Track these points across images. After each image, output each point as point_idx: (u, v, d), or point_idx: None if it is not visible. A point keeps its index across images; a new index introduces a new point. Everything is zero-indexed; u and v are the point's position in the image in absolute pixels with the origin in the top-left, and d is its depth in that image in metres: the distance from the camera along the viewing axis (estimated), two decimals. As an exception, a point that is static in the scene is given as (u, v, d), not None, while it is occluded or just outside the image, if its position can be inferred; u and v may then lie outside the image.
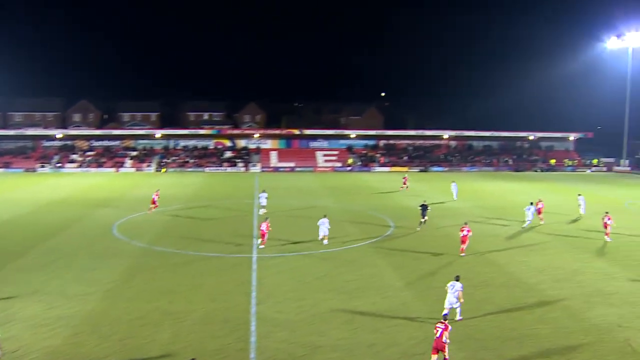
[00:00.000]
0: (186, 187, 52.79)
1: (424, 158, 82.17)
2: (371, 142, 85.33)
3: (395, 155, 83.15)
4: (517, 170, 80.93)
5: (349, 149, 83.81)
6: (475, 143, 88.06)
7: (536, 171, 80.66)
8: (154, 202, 39.62)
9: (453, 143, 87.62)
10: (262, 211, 37.94)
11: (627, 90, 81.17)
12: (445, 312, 17.58)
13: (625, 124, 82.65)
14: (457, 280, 18.99)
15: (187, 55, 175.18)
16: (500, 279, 21.97)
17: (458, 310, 18.76)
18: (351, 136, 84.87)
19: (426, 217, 33.40)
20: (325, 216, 30.62)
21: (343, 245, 28.14)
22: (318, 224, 29.78)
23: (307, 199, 44.66)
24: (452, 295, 18.65)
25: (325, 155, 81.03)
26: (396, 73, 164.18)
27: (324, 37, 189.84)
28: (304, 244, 27.89)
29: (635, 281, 23.07)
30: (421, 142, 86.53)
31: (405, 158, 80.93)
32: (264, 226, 28.80)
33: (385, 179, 63.60)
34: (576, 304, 20.26)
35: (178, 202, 41.91)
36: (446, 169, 80.00)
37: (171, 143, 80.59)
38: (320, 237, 29.03)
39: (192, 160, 75.85)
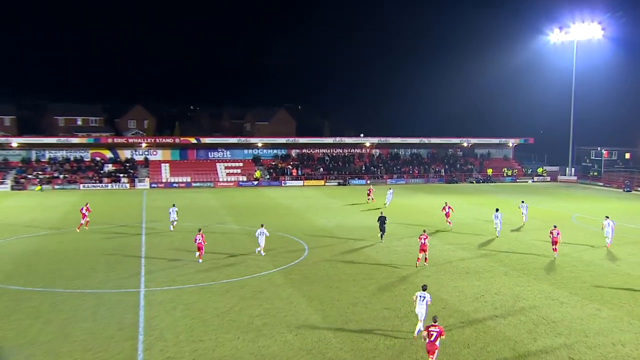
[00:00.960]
0: (53, 209, 49.71)
1: (343, 169, 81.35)
2: (282, 152, 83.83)
3: (309, 167, 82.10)
4: (450, 182, 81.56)
5: (256, 160, 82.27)
6: (402, 151, 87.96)
7: (472, 182, 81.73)
8: (84, 217, 40.50)
9: (376, 152, 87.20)
10: (171, 227, 38.70)
11: (572, 89, 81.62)
12: (419, 326, 19.25)
13: (570, 128, 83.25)
14: (425, 290, 20.00)
15: (53, 49, 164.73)
16: (431, 309, 21.32)
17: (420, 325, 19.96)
18: (258, 145, 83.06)
19: (384, 231, 35.51)
20: (262, 226, 32.36)
21: (248, 274, 26.97)
22: (256, 234, 31.49)
23: (207, 219, 43.40)
24: (421, 306, 19.53)
25: (227, 167, 78.92)
26: (310, 72, 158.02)
27: (224, 28, 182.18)
28: (202, 273, 26.64)
29: (584, 306, 23.06)
30: (339, 150, 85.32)
31: (321, 170, 79.92)
32: (198, 238, 29.97)
33: (298, 195, 63.29)
34: (519, 334, 20.01)
35: (43, 228, 39.20)
36: (367, 181, 79.31)
37: (33, 154, 75.09)
38: (257, 250, 31.21)
39: (62, 176, 71.35)
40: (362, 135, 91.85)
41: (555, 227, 33.20)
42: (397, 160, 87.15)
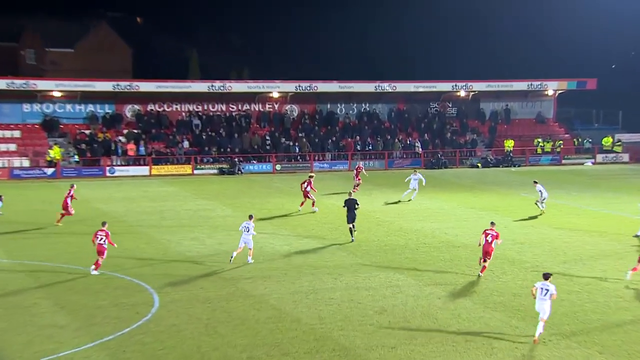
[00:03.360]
0: None
1: (230, 144, 60.00)
2: (104, 109, 60.12)
3: (162, 140, 59.36)
4: (433, 166, 61.26)
5: (49, 126, 58.19)
6: (341, 108, 66.22)
7: (475, 166, 62.78)
8: (66, 208, 35.35)
9: (293, 109, 65.19)
10: None
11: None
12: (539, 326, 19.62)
13: None
14: (547, 279, 19.78)
15: None
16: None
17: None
18: (53, 95, 57.92)
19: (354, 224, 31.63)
20: (251, 217, 28.62)
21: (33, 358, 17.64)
22: (240, 228, 27.86)
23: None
24: (543, 302, 19.69)
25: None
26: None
27: None
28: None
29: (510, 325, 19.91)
30: (221, 107, 63.62)
31: (186, 144, 59.50)
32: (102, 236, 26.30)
33: (140, 194, 47.38)
34: None
35: None
36: (278, 167, 59.27)
37: None
38: (235, 254, 27.49)
39: None
40: (265, 79, 65.45)
41: (492, 224, 27.00)
42: (333, 126, 64.36)
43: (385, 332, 20.38)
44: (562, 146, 66.08)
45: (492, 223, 27.52)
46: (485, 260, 26.58)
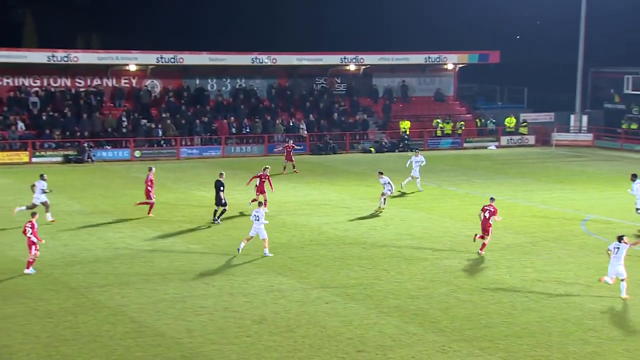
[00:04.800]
0: None
1: (78, 126, 59.65)
2: None
3: None
4: (319, 151, 61.98)
5: None
6: (211, 83, 66.56)
7: (367, 151, 64.33)
8: (148, 194, 37.04)
9: (154, 84, 65.05)
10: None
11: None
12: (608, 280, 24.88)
13: (580, 26, 67.22)
14: (622, 241, 24.44)
15: None
16: None
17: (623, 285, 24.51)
18: None
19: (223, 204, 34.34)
20: (260, 205, 30.64)
21: None
22: (251, 218, 29.85)
23: None
24: (617, 263, 24.48)
25: None
26: None
27: None
28: None
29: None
30: (65, 81, 62.47)
31: (21, 127, 57.96)
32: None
33: None
34: None
35: None
36: (137, 153, 58.85)
37: None
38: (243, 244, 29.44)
39: None
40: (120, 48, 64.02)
41: (492, 200, 30.65)
42: (202, 105, 64.63)
43: (266, 345, 20.54)
44: (463, 127, 67.98)
45: (492, 199, 30.88)
46: (483, 237, 29.71)
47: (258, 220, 29.33)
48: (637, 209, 35.14)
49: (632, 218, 37.06)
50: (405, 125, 65.78)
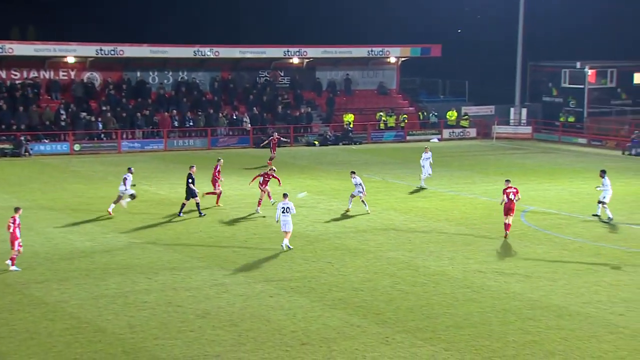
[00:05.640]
0: None
1: (13, 118, 58.04)
2: None
3: None
4: (262, 145, 56.29)
5: None
6: (153, 76, 65.62)
7: (312, 144, 64.23)
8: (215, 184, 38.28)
9: (94, 77, 64.12)
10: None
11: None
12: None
13: (518, 19, 68.22)
14: None
15: None
16: None
17: None
18: None
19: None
20: (285, 196, 30.73)
21: None
22: (278, 210, 30.00)
23: None
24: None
25: None
26: None
27: None
28: None
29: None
30: (4, 72, 61.35)
31: None
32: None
33: None
34: None
35: None
36: (77, 147, 58.13)
37: None
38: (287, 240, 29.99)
39: None
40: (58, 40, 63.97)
41: (508, 182, 32.21)
42: (144, 98, 63.78)
43: (209, 339, 20.40)
44: (406, 121, 68.57)
45: (508, 180, 32.62)
46: (507, 217, 31.66)
47: (287, 212, 29.48)
48: (600, 201, 35.76)
49: (569, 209, 37.80)
50: (349, 118, 65.90)
